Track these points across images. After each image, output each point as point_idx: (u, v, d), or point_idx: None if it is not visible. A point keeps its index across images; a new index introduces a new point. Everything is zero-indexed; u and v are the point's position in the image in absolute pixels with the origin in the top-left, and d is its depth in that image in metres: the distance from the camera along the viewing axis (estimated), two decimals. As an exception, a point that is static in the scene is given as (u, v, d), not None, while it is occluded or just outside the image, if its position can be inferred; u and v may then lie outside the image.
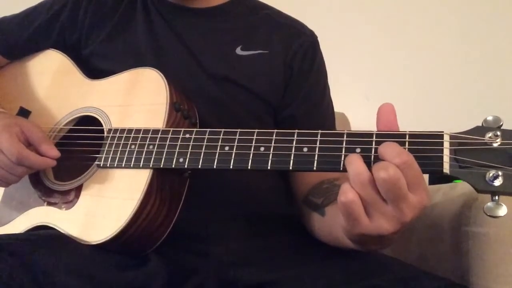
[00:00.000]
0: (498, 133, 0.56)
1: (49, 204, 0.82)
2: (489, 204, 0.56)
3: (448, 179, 0.60)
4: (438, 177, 0.76)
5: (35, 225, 0.81)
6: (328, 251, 0.80)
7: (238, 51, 0.91)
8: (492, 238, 0.75)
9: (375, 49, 1.78)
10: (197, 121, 0.84)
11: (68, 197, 0.80)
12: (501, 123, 0.57)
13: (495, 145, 0.56)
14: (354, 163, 0.56)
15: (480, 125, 0.58)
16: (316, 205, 0.82)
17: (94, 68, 0.94)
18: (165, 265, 0.83)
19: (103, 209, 0.76)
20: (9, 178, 0.81)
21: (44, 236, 0.75)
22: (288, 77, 0.92)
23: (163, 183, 0.76)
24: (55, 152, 0.81)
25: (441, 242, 0.86)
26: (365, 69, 1.76)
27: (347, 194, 0.55)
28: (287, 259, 0.82)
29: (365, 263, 0.77)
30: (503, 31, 1.70)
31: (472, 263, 0.78)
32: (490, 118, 0.59)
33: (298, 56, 0.93)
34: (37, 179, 0.86)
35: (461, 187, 0.86)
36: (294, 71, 0.93)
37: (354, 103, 1.48)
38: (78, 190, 0.80)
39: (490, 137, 0.56)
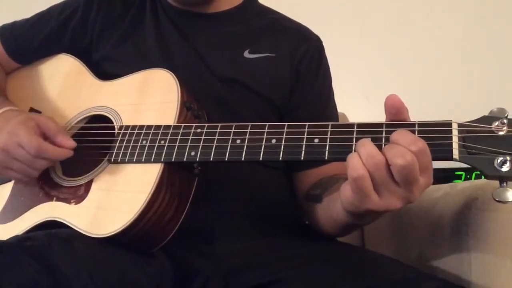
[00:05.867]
0: (505, 121, 0.59)
1: (58, 199, 0.82)
2: (498, 189, 0.57)
3: (448, 178, 0.63)
4: (439, 177, 0.77)
5: (44, 220, 0.81)
6: (330, 252, 0.82)
7: (246, 54, 0.94)
8: (492, 238, 0.76)
9: (375, 49, 1.79)
10: (206, 121, 0.86)
11: (78, 192, 0.81)
12: (506, 114, 0.60)
13: (501, 133, 0.59)
14: (366, 145, 0.59)
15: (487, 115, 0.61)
16: (314, 196, 0.85)
17: (105, 72, 0.95)
18: (170, 264, 0.83)
19: (113, 202, 0.76)
20: (30, 172, 0.82)
21: (61, 235, 0.75)
22: (294, 80, 0.95)
23: (174, 178, 0.77)
24: (71, 142, 0.83)
25: (441, 242, 0.86)
26: (365, 69, 1.77)
27: (358, 170, 0.58)
28: (289, 259, 0.82)
29: (365, 264, 0.78)
30: (503, 32, 1.72)
31: (472, 263, 0.78)
32: (495, 109, 0.61)
33: (304, 60, 0.95)
34: (45, 175, 0.86)
35: (461, 187, 0.87)
36: (301, 75, 0.95)
37: (354, 103, 1.48)
38: (88, 185, 0.80)
39: (497, 126, 0.59)
